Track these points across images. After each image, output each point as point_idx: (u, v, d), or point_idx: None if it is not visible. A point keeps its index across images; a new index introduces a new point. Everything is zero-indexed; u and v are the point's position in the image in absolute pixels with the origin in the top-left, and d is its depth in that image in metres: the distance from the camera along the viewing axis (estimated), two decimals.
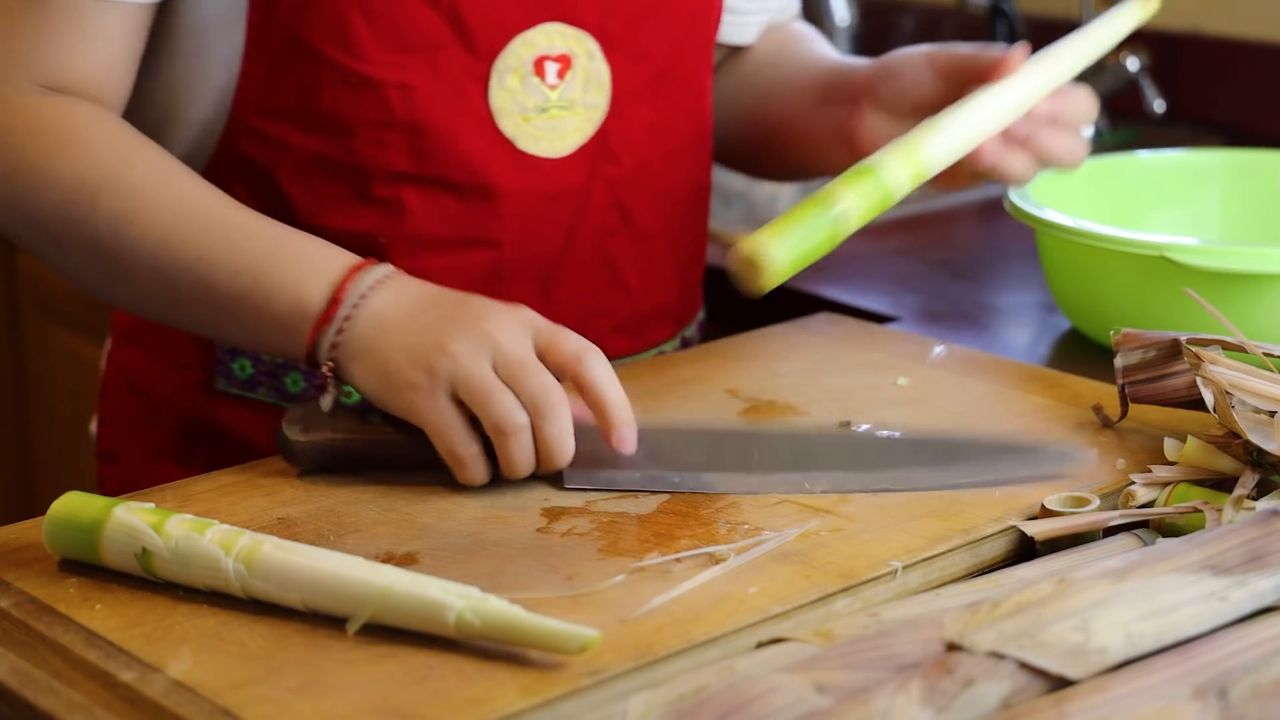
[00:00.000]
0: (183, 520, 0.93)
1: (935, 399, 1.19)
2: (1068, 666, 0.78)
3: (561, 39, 1.20)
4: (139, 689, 0.83)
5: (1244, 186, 1.52)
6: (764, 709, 0.75)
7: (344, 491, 1.05)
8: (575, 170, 1.23)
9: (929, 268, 1.68)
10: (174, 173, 1.13)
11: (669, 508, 1.02)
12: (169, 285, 1.11)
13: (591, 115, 1.23)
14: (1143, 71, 2.20)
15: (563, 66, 1.21)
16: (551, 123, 1.21)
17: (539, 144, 1.21)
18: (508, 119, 1.20)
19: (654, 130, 1.27)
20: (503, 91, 1.19)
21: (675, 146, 1.29)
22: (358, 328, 1.06)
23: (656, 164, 1.28)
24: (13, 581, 0.94)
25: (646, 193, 1.28)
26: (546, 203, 1.23)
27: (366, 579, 0.88)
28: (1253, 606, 0.84)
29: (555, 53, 1.20)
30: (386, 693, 0.82)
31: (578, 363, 1.03)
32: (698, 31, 1.29)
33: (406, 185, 1.19)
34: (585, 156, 1.24)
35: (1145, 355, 1.12)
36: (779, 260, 1.03)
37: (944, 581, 0.96)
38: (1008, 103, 1.18)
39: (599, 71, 1.22)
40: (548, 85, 1.20)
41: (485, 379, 1.01)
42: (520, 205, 1.22)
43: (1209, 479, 1.03)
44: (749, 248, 1.02)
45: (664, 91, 1.27)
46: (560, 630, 0.84)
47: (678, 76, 1.28)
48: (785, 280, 1.04)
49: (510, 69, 1.19)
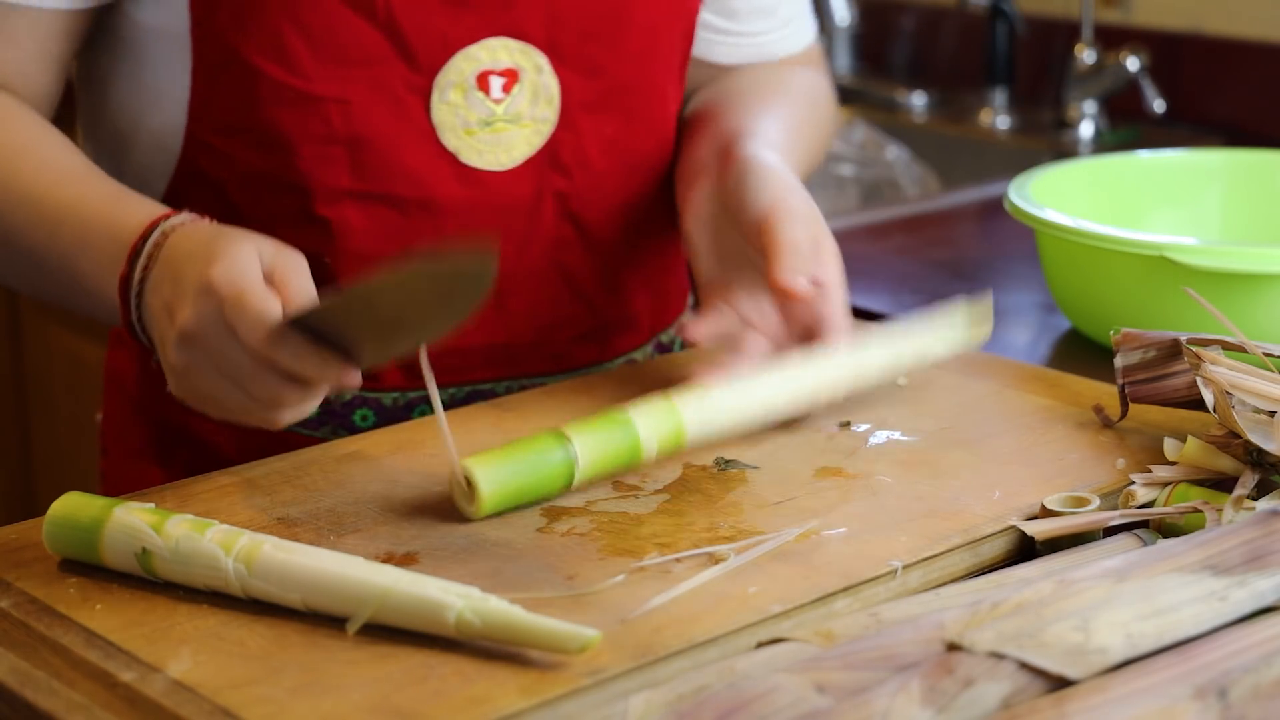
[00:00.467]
0: (183, 520, 0.93)
1: (935, 400, 1.19)
2: (1068, 666, 0.78)
3: (506, 53, 1.19)
4: (139, 689, 0.83)
5: (1244, 186, 1.52)
6: (764, 709, 0.75)
7: (344, 491, 1.05)
8: (523, 183, 1.22)
9: (929, 268, 1.68)
10: (20, 150, 1.14)
11: (669, 508, 1.02)
12: (9, 267, 1.16)
13: (540, 128, 1.21)
14: (1143, 71, 2.20)
15: (508, 80, 1.19)
16: (496, 136, 1.20)
17: (482, 157, 1.20)
18: (450, 133, 1.19)
19: (609, 144, 1.25)
20: (445, 106, 1.18)
21: (635, 161, 1.27)
22: (147, 289, 1.06)
23: (614, 177, 1.26)
24: (13, 581, 0.94)
25: (603, 206, 1.26)
26: (494, 215, 1.21)
27: (366, 579, 0.88)
28: (1253, 606, 0.84)
29: (500, 67, 1.19)
30: (386, 693, 0.82)
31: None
32: (662, 47, 1.26)
33: (349, 201, 1.18)
34: (533, 169, 1.22)
35: (1145, 355, 1.12)
36: (488, 494, 0.99)
37: (944, 581, 0.96)
38: (790, 394, 1.12)
39: (548, 85, 1.20)
40: (492, 99, 1.19)
41: (215, 396, 1.02)
42: (465, 218, 1.20)
43: (1209, 479, 1.03)
44: (467, 470, 0.99)
45: (621, 105, 1.25)
46: (560, 630, 0.84)
47: (637, 91, 1.25)
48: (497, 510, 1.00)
49: (452, 84, 1.18)
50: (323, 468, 1.09)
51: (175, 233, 1.06)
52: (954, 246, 1.79)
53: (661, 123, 1.29)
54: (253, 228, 1.17)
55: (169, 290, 1.03)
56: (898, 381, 1.22)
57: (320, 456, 1.11)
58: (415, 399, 1.24)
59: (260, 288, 0.98)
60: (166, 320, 1.03)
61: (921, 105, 2.47)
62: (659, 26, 1.25)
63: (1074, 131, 2.27)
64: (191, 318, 1.00)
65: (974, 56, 2.47)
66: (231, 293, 0.98)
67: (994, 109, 2.39)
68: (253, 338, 0.97)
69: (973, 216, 1.92)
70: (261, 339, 0.97)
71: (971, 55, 2.48)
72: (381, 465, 1.09)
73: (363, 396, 1.23)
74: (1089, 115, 2.27)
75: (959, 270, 1.67)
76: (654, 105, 1.27)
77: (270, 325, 0.97)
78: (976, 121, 2.39)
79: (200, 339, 1.00)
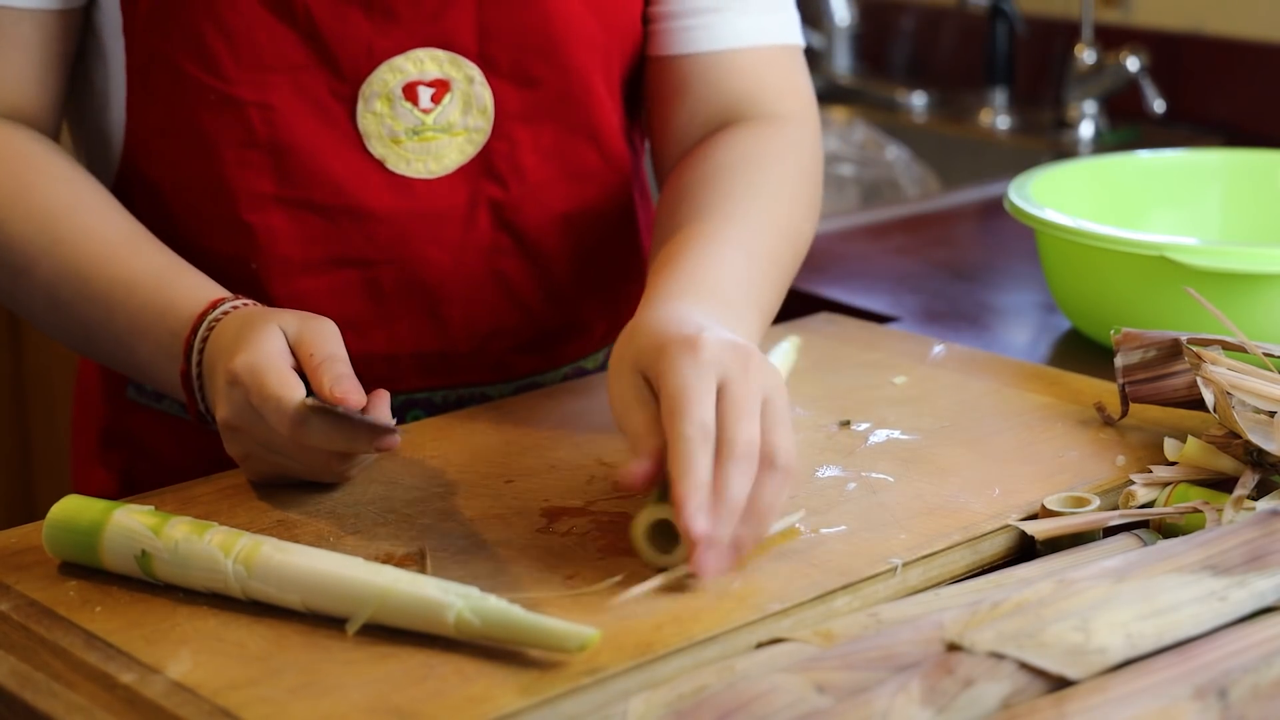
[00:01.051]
0: (182, 522, 0.93)
1: (935, 398, 1.19)
2: (1068, 666, 0.78)
3: (435, 64, 1.17)
4: (139, 690, 0.83)
5: (1244, 186, 1.52)
6: (764, 709, 0.75)
7: (344, 492, 1.05)
8: (455, 191, 1.20)
9: (929, 268, 1.68)
10: (61, 215, 1.13)
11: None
12: (62, 334, 1.17)
13: (473, 137, 1.19)
14: (1143, 71, 2.20)
15: (438, 91, 1.17)
16: (425, 145, 1.18)
17: (410, 165, 1.18)
18: (376, 141, 1.17)
19: (547, 154, 1.22)
20: (370, 115, 1.17)
21: (576, 171, 1.24)
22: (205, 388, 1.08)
23: (553, 187, 1.23)
24: (13, 584, 0.94)
25: (542, 215, 1.24)
26: (425, 223, 1.20)
27: (366, 579, 0.88)
28: (1253, 606, 0.84)
29: (428, 78, 1.17)
30: (386, 693, 0.82)
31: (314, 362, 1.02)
32: (599, 58, 1.22)
33: (272, 207, 1.17)
34: (465, 177, 1.20)
35: (1145, 355, 1.12)
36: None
37: (944, 579, 0.96)
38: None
39: (480, 95, 1.18)
40: (420, 109, 1.17)
41: (278, 473, 1.05)
42: (393, 226, 1.19)
43: (1209, 479, 1.03)
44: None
45: (558, 116, 1.22)
46: (560, 629, 0.84)
47: (576, 102, 1.22)
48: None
49: (377, 94, 1.16)
50: None
51: (217, 325, 1.07)
52: (954, 246, 1.79)
53: (602, 132, 1.25)
54: (186, 232, 1.18)
55: (209, 387, 1.06)
56: (894, 380, 1.22)
57: None
58: (402, 403, 1.24)
59: (278, 373, 1.00)
60: (213, 417, 1.06)
61: (921, 105, 2.47)
62: (596, 38, 1.22)
63: (1074, 131, 2.28)
64: (227, 411, 1.02)
65: (974, 56, 2.47)
66: (254, 382, 1.00)
67: (994, 109, 2.39)
68: (280, 423, 0.99)
69: (973, 216, 1.92)
70: (287, 423, 0.99)
71: (971, 55, 2.48)
72: (381, 465, 1.09)
73: None
74: (1089, 115, 2.27)
75: (959, 270, 1.67)
76: (595, 116, 1.24)
77: (292, 409, 0.98)
78: (976, 121, 2.39)
79: (241, 429, 1.02)
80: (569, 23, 1.20)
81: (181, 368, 1.08)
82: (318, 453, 1.01)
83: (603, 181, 1.26)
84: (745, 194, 1.17)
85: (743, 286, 1.09)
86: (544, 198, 1.23)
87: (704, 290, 1.05)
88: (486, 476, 1.07)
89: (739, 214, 1.14)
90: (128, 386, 1.27)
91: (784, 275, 1.17)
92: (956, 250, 1.78)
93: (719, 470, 0.91)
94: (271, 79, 1.15)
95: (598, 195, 1.26)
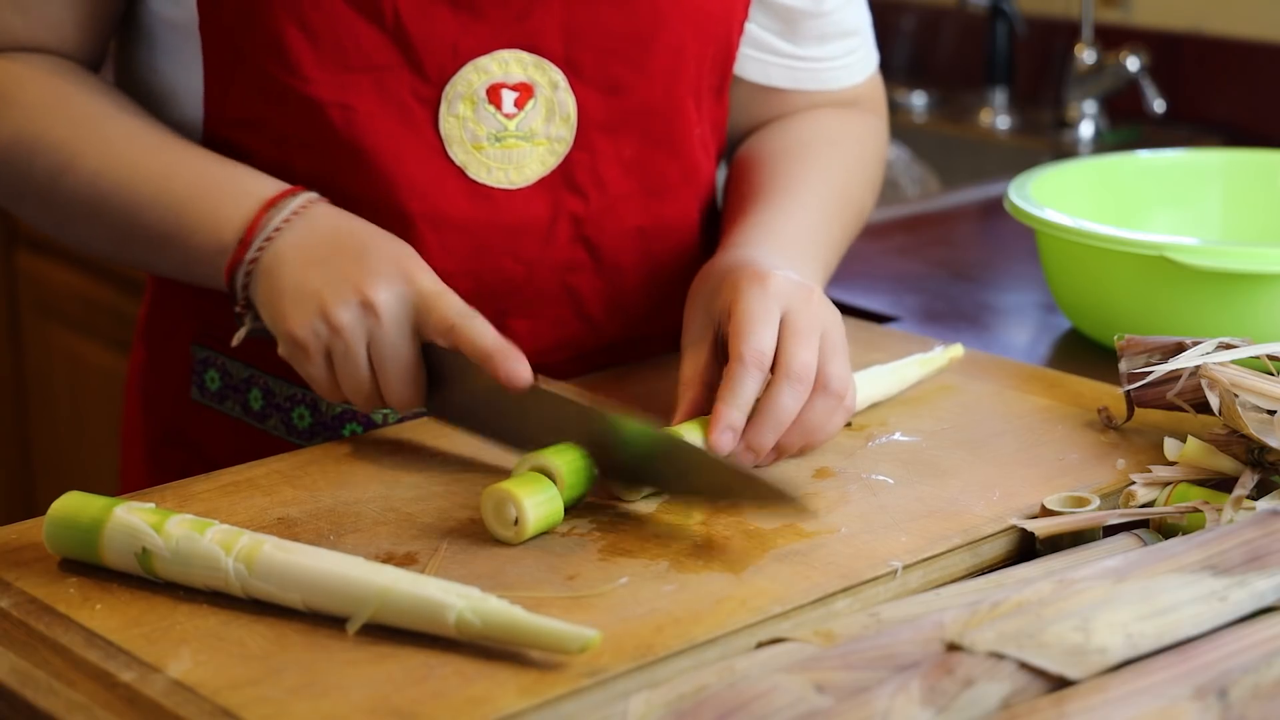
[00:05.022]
0: (183, 520, 0.93)
1: (935, 400, 1.19)
2: (1068, 666, 0.78)
3: (520, 67, 1.15)
4: (139, 689, 0.83)
5: (1244, 186, 1.52)
6: (764, 709, 0.75)
7: (344, 491, 1.05)
8: (535, 202, 1.19)
9: (929, 268, 1.68)
10: (103, 118, 1.15)
11: (669, 508, 1.02)
12: (105, 228, 1.16)
13: (555, 147, 1.18)
14: (1143, 71, 2.20)
15: (521, 95, 1.16)
16: (507, 152, 1.16)
17: (491, 174, 1.17)
18: (458, 146, 1.16)
19: (628, 166, 1.21)
20: (453, 118, 1.15)
21: (656, 185, 1.23)
22: (262, 267, 1.10)
23: (632, 201, 1.22)
24: (13, 581, 0.94)
25: (618, 229, 1.23)
26: (503, 235, 1.18)
27: (366, 579, 0.88)
28: (1253, 606, 0.84)
29: (513, 81, 1.15)
30: (386, 693, 0.82)
31: (451, 331, 1.06)
32: (689, 69, 1.21)
33: (349, 209, 1.14)
34: (546, 189, 1.19)
35: (1149, 360, 1.12)
36: (532, 520, 0.97)
37: (944, 581, 0.96)
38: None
39: (564, 102, 1.17)
40: (504, 114, 1.16)
41: (354, 358, 1.07)
42: (471, 235, 1.17)
43: (1209, 479, 1.04)
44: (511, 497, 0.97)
45: (641, 127, 1.20)
46: (560, 630, 0.84)
47: (659, 113, 1.21)
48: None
49: (461, 96, 1.15)
50: (323, 468, 1.09)
51: (306, 211, 1.11)
52: (954, 246, 1.79)
53: (684, 146, 1.24)
54: None
55: (291, 271, 1.08)
56: None
57: (320, 456, 1.11)
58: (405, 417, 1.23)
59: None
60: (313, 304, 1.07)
61: (921, 105, 2.47)
62: (687, 48, 1.20)
63: (1074, 131, 2.28)
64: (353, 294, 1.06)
65: (974, 56, 2.47)
66: (438, 293, 1.07)
67: (994, 109, 2.39)
68: (450, 311, 1.06)
69: (973, 216, 1.92)
70: (456, 313, 1.06)
71: (971, 55, 2.48)
72: (381, 465, 1.09)
73: (351, 411, 1.22)
74: (1089, 115, 2.27)
75: (959, 270, 1.67)
76: (676, 128, 1.23)
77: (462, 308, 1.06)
78: (976, 121, 2.39)
79: (344, 326, 1.06)
80: (660, 29, 1.18)
81: (246, 233, 1.10)
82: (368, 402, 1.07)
83: (679, 196, 1.25)
84: (825, 165, 1.27)
85: (812, 244, 1.19)
86: (622, 212, 1.22)
87: (776, 242, 1.16)
88: (486, 476, 1.07)
89: (816, 182, 1.24)
90: (191, 388, 1.27)
91: (846, 240, 1.28)
92: (956, 250, 1.78)
93: (773, 388, 1.02)
94: (354, 79, 1.14)
95: (674, 211, 1.25)
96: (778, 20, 1.29)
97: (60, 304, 2.58)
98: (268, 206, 1.11)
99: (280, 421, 1.23)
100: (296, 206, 1.11)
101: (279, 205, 1.11)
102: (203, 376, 1.25)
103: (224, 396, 1.25)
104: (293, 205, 1.11)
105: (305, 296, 1.07)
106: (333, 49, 1.13)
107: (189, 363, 1.26)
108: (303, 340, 1.07)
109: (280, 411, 1.23)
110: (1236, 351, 1.08)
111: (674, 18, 1.18)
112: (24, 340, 2.73)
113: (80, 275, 2.50)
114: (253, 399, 1.24)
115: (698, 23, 1.20)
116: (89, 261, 2.45)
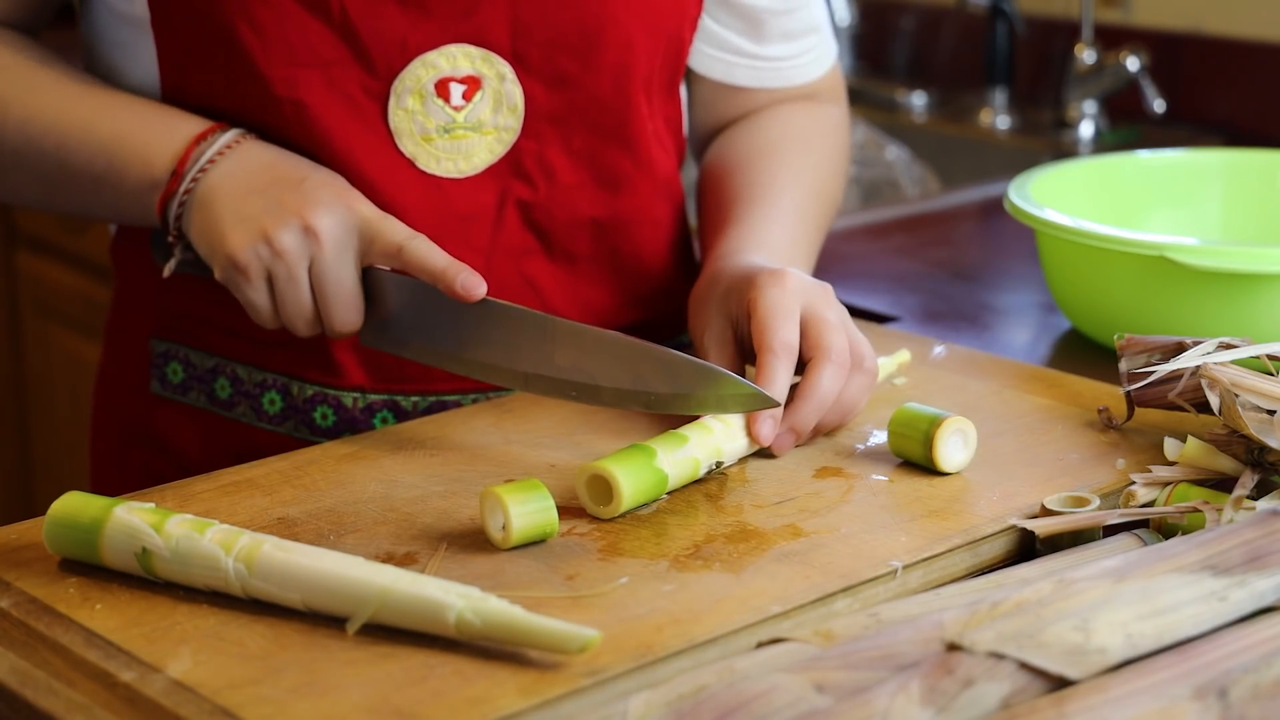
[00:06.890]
0: (183, 520, 0.93)
1: (935, 400, 1.19)
2: (1068, 666, 0.78)
3: (468, 61, 1.17)
4: (139, 689, 0.83)
5: (1244, 186, 1.52)
6: (764, 709, 0.75)
7: (344, 491, 1.05)
8: (484, 190, 1.21)
9: (929, 268, 1.68)
10: (28, 67, 1.17)
11: (669, 508, 1.02)
12: (35, 175, 1.18)
13: (503, 136, 1.20)
14: (1143, 71, 2.20)
15: (469, 88, 1.18)
16: (455, 143, 1.18)
17: (440, 164, 1.19)
18: (407, 139, 1.18)
19: (578, 157, 1.23)
20: (402, 111, 1.17)
21: (608, 177, 1.24)
22: (196, 198, 1.12)
23: (582, 191, 1.24)
24: (13, 581, 0.94)
25: (569, 218, 1.24)
26: (455, 223, 1.20)
27: (366, 579, 0.88)
28: (1253, 606, 0.84)
29: (460, 74, 1.17)
30: (386, 693, 0.82)
31: (401, 252, 1.09)
32: (640, 64, 1.22)
33: None
34: (494, 176, 1.20)
35: (1149, 360, 1.12)
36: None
37: (944, 581, 0.96)
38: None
39: (511, 93, 1.19)
40: (452, 107, 1.17)
41: (296, 281, 1.10)
42: (424, 226, 1.18)
43: (1209, 479, 1.04)
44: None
45: (591, 119, 1.22)
46: (560, 630, 0.83)
47: (610, 107, 1.22)
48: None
49: (410, 90, 1.16)
50: (323, 468, 1.09)
51: (239, 146, 1.13)
52: (954, 246, 1.79)
53: (637, 140, 1.25)
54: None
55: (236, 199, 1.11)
56: (894, 382, 1.22)
57: (320, 456, 1.11)
58: (376, 402, 1.23)
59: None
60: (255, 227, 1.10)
61: (921, 105, 2.47)
62: (636, 43, 1.21)
63: (1074, 131, 2.28)
64: (292, 218, 1.09)
65: (974, 56, 2.47)
66: (379, 218, 1.10)
67: (994, 109, 2.39)
68: (399, 235, 1.09)
69: (973, 216, 1.92)
70: (404, 236, 1.09)
71: (971, 55, 2.48)
72: (381, 465, 1.09)
73: (323, 393, 1.23)
74: (1089, 115, 2.27)
75: (959, 270, 1.67)
76: (628, 122, 1.24)
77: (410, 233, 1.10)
78: (976, 121, 2.39)
79: (288, 250, 1.09)
80: (607, 24, 1.20)
81: (178, 165, 1.12)
82: (345, 292, 1.10)
83: (636, 190, 1.26)
84: (799, 166, 1.30)
85: (794, 245, 1.24)
86: (574, 201, 1.23)
87: (766, 247, 1.21)
88: (486, 476, 1.07)
89: (791, 185, 1.28)
90: (152, 381, 1.27)
91: (822, 235, 1.32)
92: (956, 250, 1.78)
93: (815, 371, 1.08)
94: (304, 75, 1.15)
95: (631, 205, 1.26)
96: (741, 20, 1.30)
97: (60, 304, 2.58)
98: (198, 140, 1.13)
99: (250, 408, 1.24)
100: (229, 140, 1.14)
101: (209, 139, 1.14)
102: (163, 370, 1.26)
103: (187, 388, 1.26)
104: (224, 139, 1.14)
105: (246, 220, 1.10)
106: (281, 45, 1.14)
107: (148, 357, 1.27)
108: (244, 263, 1.09)
109: (249, 398, 1.24)
110: (1237, 351, 1.08)
111: (622, 14, 1.20)
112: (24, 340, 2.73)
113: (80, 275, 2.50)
114: (219, 388, 1.25)
115: (647, 19, 1.22)
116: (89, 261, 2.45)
